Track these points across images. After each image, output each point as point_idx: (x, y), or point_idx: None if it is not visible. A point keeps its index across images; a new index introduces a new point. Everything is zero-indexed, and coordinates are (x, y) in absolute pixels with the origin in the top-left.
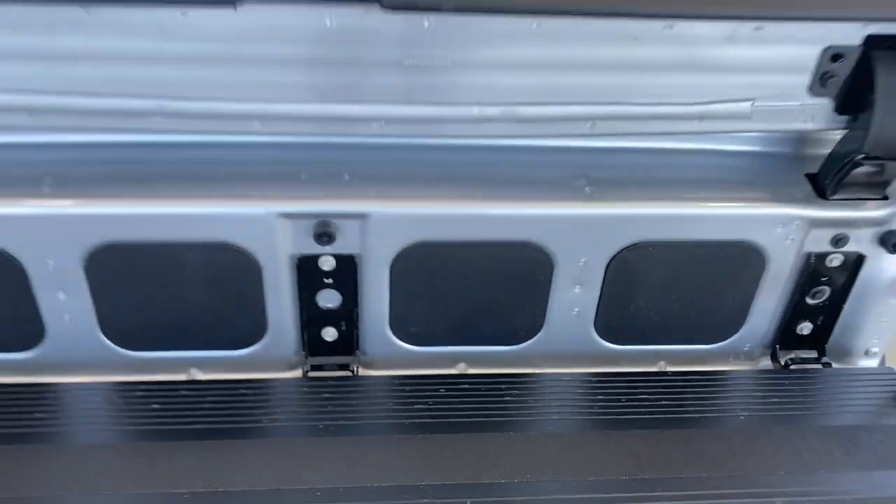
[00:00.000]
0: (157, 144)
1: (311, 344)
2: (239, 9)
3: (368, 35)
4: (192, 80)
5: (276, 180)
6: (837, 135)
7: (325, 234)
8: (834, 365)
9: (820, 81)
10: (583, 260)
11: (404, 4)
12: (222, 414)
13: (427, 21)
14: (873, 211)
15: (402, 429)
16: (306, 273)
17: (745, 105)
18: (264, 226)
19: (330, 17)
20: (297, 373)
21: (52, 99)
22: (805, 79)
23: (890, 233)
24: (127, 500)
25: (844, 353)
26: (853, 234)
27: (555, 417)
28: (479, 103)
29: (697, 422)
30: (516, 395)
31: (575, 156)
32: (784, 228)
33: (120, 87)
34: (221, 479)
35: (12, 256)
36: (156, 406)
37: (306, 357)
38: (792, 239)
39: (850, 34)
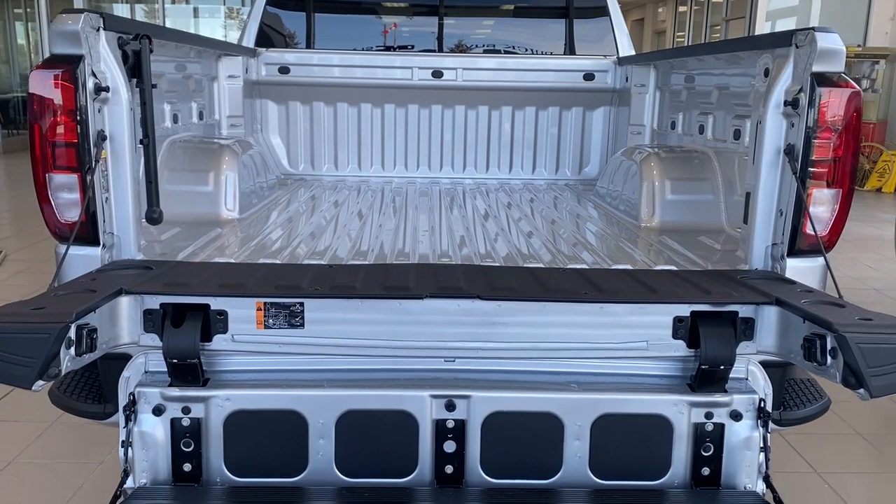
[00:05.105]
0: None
1: (438, 473)
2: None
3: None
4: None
5: (429, 382)
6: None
7: (450, 405)
8: None
9: (674, 332)
10: (578, 423)
11: None
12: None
13: None
14: (721, 397)
15: None
16: (440, 429)
17: (643, 343)
18: (422, 401)
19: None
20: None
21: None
22: (669, 331)
23: (734, 412)
24: None
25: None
26: (715, 411)
27: None
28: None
29: None
30: None
31: (567, 375)
32: (677, 407)
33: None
34: None
35: (302, 415)
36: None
37: (436, 481)
38: (682, 413)
39: (685, 309)
